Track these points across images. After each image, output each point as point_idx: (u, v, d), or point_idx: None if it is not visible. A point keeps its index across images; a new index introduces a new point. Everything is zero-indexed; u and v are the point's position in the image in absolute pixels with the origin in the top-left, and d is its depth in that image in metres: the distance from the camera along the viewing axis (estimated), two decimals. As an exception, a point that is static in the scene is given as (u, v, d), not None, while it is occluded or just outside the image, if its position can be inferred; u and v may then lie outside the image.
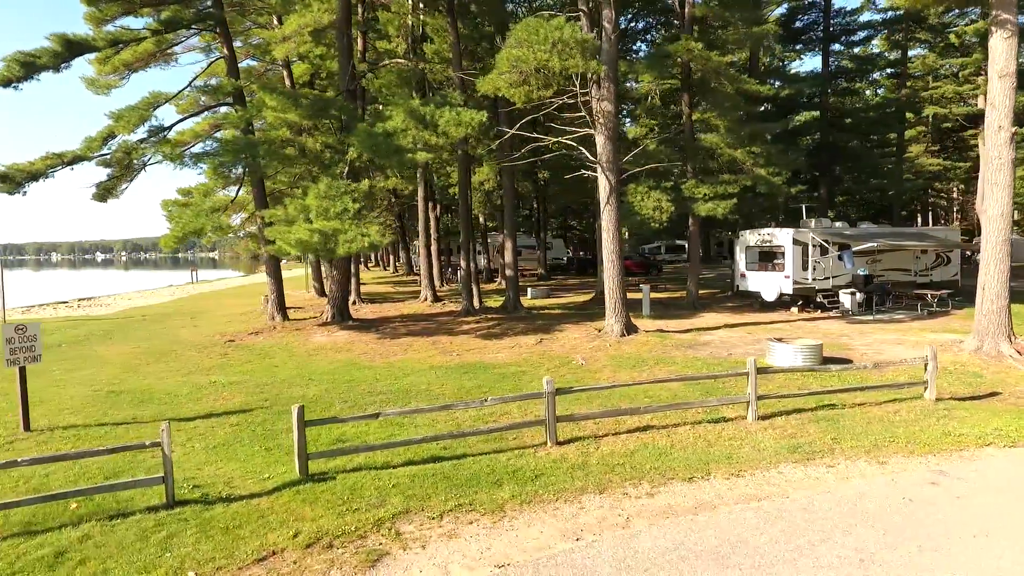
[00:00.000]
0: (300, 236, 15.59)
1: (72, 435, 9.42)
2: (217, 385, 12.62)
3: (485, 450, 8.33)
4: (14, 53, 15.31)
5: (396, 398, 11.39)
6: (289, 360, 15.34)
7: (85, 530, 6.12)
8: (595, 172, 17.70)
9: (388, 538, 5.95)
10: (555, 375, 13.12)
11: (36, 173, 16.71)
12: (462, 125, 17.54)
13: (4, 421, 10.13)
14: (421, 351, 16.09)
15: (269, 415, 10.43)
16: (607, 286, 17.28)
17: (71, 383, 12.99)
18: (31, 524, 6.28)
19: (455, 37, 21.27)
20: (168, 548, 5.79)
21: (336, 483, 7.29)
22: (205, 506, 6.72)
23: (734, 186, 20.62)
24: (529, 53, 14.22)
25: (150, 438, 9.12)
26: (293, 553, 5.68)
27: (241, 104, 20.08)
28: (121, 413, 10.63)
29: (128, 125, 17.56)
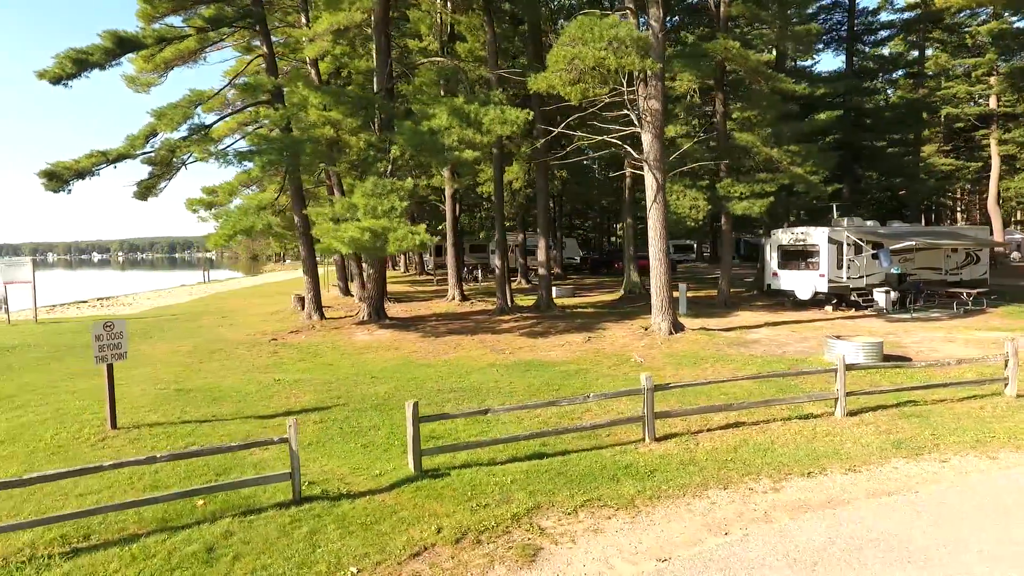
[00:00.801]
0: (352, 234, 15.54)
1: (161, 432, 9.38)
2: (283, 383, 12.59)
3: (584, 447, 8.35)
4: (67, 51, 15.24)
5: (469, 395, 11.39)
6: (341, 359, 15.31)
7: (224, 526, 6.10)
8: (639, 170, 17.72)
9: (533, 533, 5.95)
10: (616, 372, 13.17)
11: (83, 171, 16.63)
12: (507, 123, 17.53)
13: (86, 419, 10.09)
14: (471, 349, 16.09)
15: (349, 412, 10.40)
16: (654, 284, 17.30)
17: (133, 381, 12.93)
18: (166, 520, 6.26)
19: (491, 36, 21.27)
20: (316, 544, 5.78)
21: (452, 479, 7.29)
22: (331, 502, 6.70)
23: (771, 185, 20.67)
24: (587, 51, 14.23)
25: (240, 435, 9.15)
26: (445, 548, 5.68)
27: (279, 102, 20.04)
28: (199, 411, 10.59)
29: (171, 123, 17.49)
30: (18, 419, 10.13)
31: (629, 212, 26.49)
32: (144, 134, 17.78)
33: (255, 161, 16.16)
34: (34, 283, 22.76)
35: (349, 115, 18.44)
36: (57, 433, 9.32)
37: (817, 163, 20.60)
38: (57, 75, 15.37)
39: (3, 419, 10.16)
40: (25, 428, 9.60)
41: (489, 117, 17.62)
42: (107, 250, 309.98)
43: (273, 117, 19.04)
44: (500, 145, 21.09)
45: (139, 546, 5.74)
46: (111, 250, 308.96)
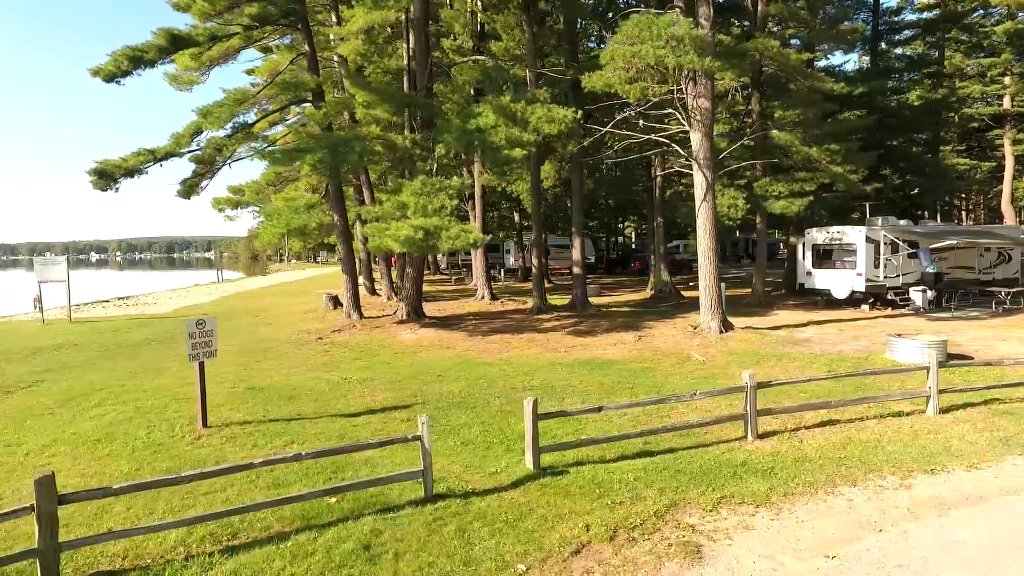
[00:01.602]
0: (407, 233, 15.50)
1: (254, 431, 9.34)
2: (351, 382, 12.55)
3: (688, 444, 8.34)
4: (123, 48, 15.16)
5: (546, 394, 11.35)
6: (397, 358, 15.27)
7: (369, 524, 6.07)
8: (689, 169, 17.73)
9: (684, 530, 5.94)
10: (682, 370, 13.18)
11: (131, 169, 16.55)
12: (554, 122, 17.54)
13: (171, 417, 10.04)
14: (524, 348, 16.07)
15: (432, 411, 10.35)
16: (703, 283, 17.30)
17: (208, 380, 12.85)
18: (307, 518, 6.22)
19: (531, 35, 21.25)
20: (469, 541, 5.76)
21: (572, 477, 7.27)
22: (462, 499, 6.68)
23: (811, 184, 20.71)
24: (647, 49, 14.22)
25: (333, 433, 9.12)
26: (603, 546, 5.67)
27: (320, 100, 19.99)
28: (280, 410, 10.55)
29: (218, 121, 17.43)
30: (102, 418, 10.07)
31: (659, 211, 26.48)
32: (189, 132, 17.71)
33: (306, 159, 16.08)
34: (68, 282, 22.63)
35: (394, 113, 18.40)
36: (150, 432, 9.26)
37: (856, 162, 20.64)
38: (112, 73, 15.29)
39: (87, 418, 10.09)
40: (114, 427, 9.54)
41: (536, 116, 17.63)
42: (105, 250, 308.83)
43: (315, 116, 18.98)
44: (544, 144, 21.05)
45: (292, 544, 5.71)
46: (109, 250, 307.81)
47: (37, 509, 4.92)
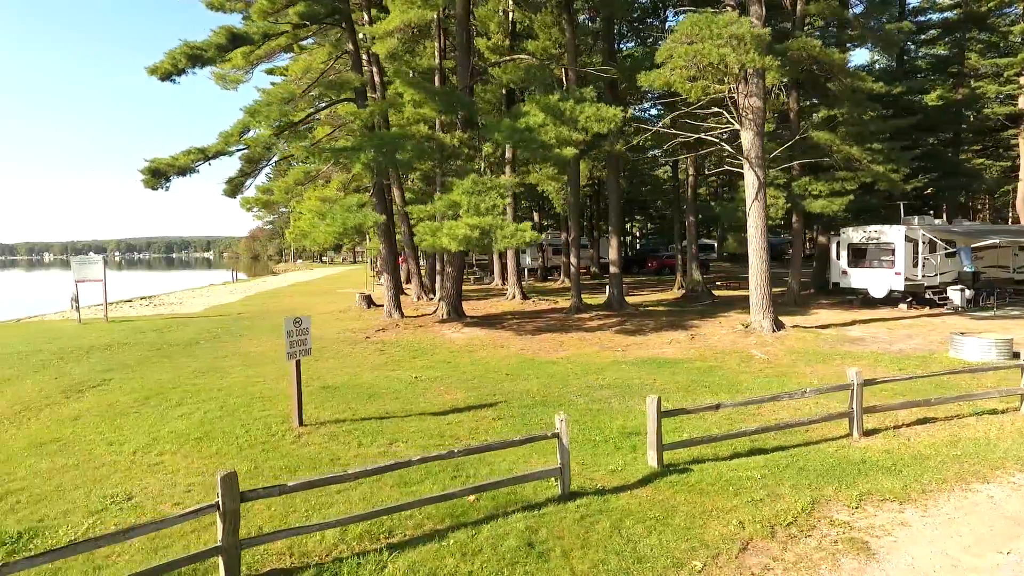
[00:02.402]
0: (463, 232, 15.48)
1: (351, 429, 9.32)
2: (423, 380, 12.54)
3: (794, 442, 8.35)
4: (181, 46, 15.10)
5: (626, 392, 11.37)
6: (456, 356, 15.23)
7: (521, 522, 6.06)
8: (740, 168, 17.74)
9: (839, 527, 5.94)
10: (749, 369, 13.19)
11: (183, 168, 16.51)
12: (603, 121, 17.54)
13: (261, 416, 10.01)
14: (580, 347, 16.07)
15: (519, 409, 10.36)
16: (754, 282, 17.32)
17: (271, 378, 12.85)
18: (455, 516, 6.20)
19: (571, 34, 21.23)
20: (630, 539, 5.75)
21: (698, 474, 7.27)
22: (598, 497, 6.67)
23: (851, 183, 20.75)
24: (708, 47, 14.23)
25: (430, 431, 9.10)
26: (766, 542, 5.67)
27: (363, 99, 19.95)
28: (367, 408, 10.53)
29: (267, 120, 17.40)
30: (191, 417, 10.03)
31: (690, 210, 26.50)
32: (237, 131, 17.67)
33: (360, 158, 16.04)
34: (105, 282, 22.54)
35: (441, 112, 18.38)
36: (248, 431, 9.23)
37: (898, 161, 20.69)
38: (168, 71, 15.24)
39: (175, 417, 10.05)
40: (208, 426, 9.51)
41: (585, 114, 17.64)
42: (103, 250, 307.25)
43: (361, 115, 18.94)
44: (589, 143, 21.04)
45: (454, 541, 5.69)
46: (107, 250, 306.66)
47: (222, 506, 4.89)
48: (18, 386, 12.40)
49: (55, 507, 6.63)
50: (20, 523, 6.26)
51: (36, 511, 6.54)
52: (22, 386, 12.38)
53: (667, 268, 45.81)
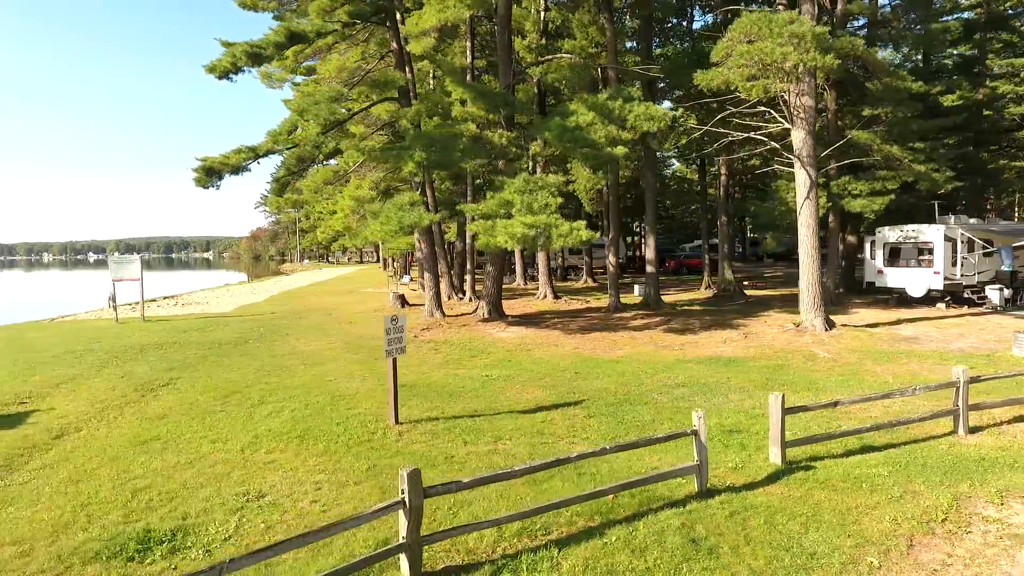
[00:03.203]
0: (519, 230, 15.45)
1: (450, 427, 9.29)
2: (496, 379, 12.52)
3: (900, 440, 8.35)
4: (242, 44, 15.06)
5: (703, 391, 11.38)
6: (513, 355, 15.21)
7: (672, 518, 6.05)
8: (790, 166, 17.75)
9: (992, 523, 5.95)
10: (817, 367, 13.20)
11: (236, 167, 16.46)
12: (653, 120, 17.59)
13: (352, 413, 9.97)
14: (634, 345, 16.07)
15: (605, 407, 10.35)
16: (804, 281, 17.33)
17: (337, 377, 12.81)
18: (604, 513, 6.19)
19: (612, 33, 21.23)
20: (790, 534, 5.74)
21: (822, 471, 7.27)
22: (734, 494, 6.67)
23: (892, 182, 20.78)
24: (770, 46, 14.24)
25: (524, 430, 9.07)
26: (929, 538, 5.67)
27: (406, 99, 19.93)
28: (452, 407, 10.50)
29: (317, 119, 17.35)
30: (279, 415, 9.99)
31: (723, 210, 26.53)
32: (286, 130, 17.63)
33: (414, 156, 16.00)
34: (142, 281, 22.46)
35: (488, 111, 18.36)
36: (346, 429, 9.19)
37: (939, 160, 20.72)
38: (227, 70, 15.20)
39: (264, 415, 10.01)
40: (303, 424, 9.47)
41: (634, 114, 17.66)
42: (103, 250, 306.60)
43: (407, 113, 18.91)
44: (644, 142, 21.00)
45: (615, 538, 5.67)
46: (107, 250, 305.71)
47: (408, 503, 4.87)
48: (88, 385, 12.33)
49: (191, 505, 6.59)
50: (165, 521, 6.22)
51: (175, 509, 6.50)
52: (92, 385, 12.32)
53: (684, 268, 45.87)
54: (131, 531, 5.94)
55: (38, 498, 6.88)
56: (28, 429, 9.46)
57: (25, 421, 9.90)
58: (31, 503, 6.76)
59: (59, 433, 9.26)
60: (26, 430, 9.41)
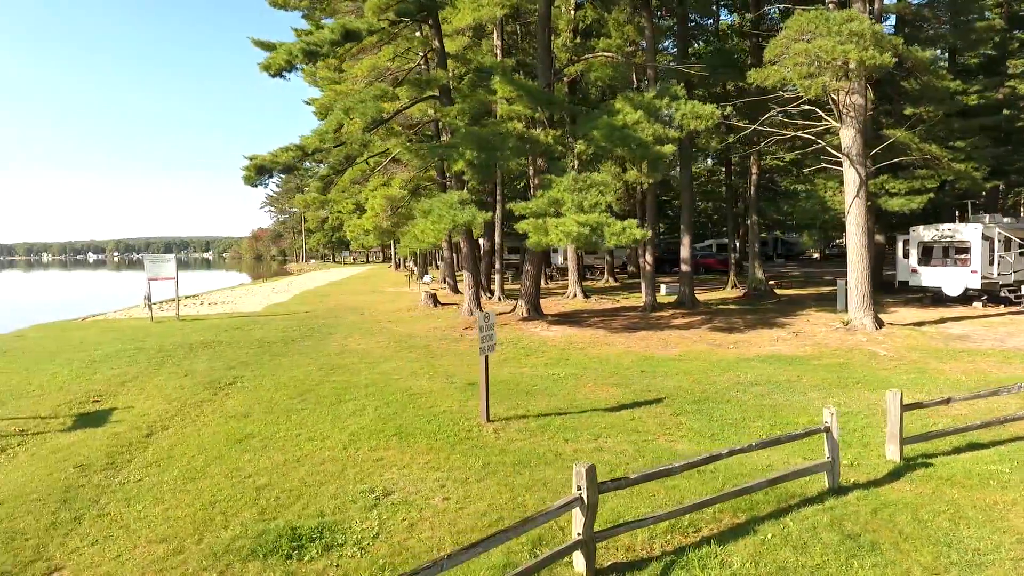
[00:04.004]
0: (572, 229, 15.40)
1: (544, 424, 9.26)
2: (566, 378, 12.50)
3: (1003, 437, 8.34)
4: (299, 43, 14.98)
5: (778, 388, 11.37)
6: (568, 355, 15.15)
7: (819, 515, 6.02)
8: (838, 166, 17.75)
9: None
10: (881, 365, 13.19)
11: (286, 165, 16.41)
12: (701, 118, 17.55)
13: (441, 412, 9.93)
14: (689, 345, 16.04)
15: (687, 405, 10.33)
16: (853, 279, 17.32)
17: (403, 375, 12.76)
18: (746, 510, 6.15)
19: (650, 32, 21.21)
20: (944, 530, 5.72)
21: (943, 468, 7.26)
22: (866, 491, 6.64)
23: (932, 181, 20.79)
24: (832, 44, 14.22)
25: (608, 426, 9.04)
26: (1086, 534, 5.64)
27: (447, 97, 19.89)
28: (533, 404, 10.47)
29: (364, 117, 17.29)
30: (363, 413, 9.94)
31: (753, 208, 26.53)
32: (332, 128, 17.54)
33: (465, 155, 15.96)
34: (177, 280, 22.37)
35: (534, 109, 18.33)
36: (439, 426, 9.14)
37: (980, 160, 20.75)
38: (281, 67, 15.12)
39: (350, 412, 9.95)
40: (392, 421, 9.42)
41: (681, 112, 17.63)
42: (102, 250, 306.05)
43: (450, 112, 18.86)
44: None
45: (771, 535, 5.64)
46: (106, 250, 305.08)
47: (586, 499, 4.83)
48: (154, 383, 12.27)
49: (322, 502, 6.54)
50: (303, 518, 6.17)
51: (307, 506, 6.45)
52: (158, 383, 12.25)
53: (702, 267, 45.83)
54: (276, 528, 5.89)
55: (161, 496, 6.82)
56: (115, 427, 9.40)
57: (108, 420, 9.84)
58: (155, 501, 6.70)
59: (148, 431, 9.20)
60: (114, 428, 9.35)
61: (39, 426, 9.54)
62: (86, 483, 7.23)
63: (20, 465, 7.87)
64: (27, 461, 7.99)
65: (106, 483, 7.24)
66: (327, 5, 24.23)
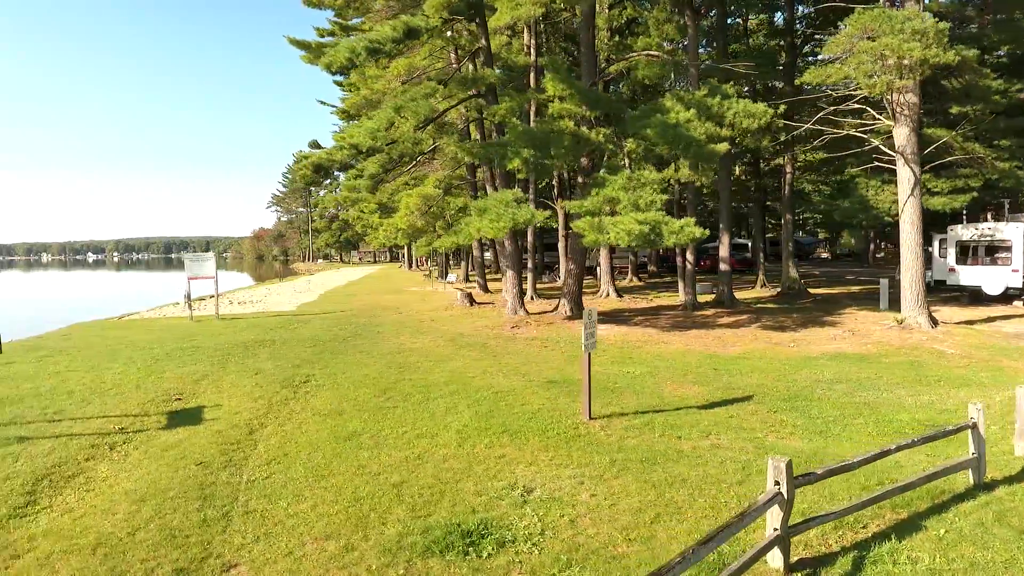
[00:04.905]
0: (631, 227, 15.37)
1: (646, 422, 9.22)
2: (642, 376, 12.48)
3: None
4: (364, 41, 14.92)
5: (861, 386, 11.36)
6: (629, 353, 15.11)
7: (985, 509, 6.00)
8: (892, 165, 17.76)
9: None
10: (952, 363, 13.20)
11: (343, 164, 16.37)
12: (753, 117, 17.56)
13: (537, 410, 9.88)
14: (749, 343, 16.02)
15: (779, 403, 10.33)
16: (908, 278, 17.33)
17: (475, 374, 12.71)
18: (902, 507, 6.13)
19: (694, 30, 21.19)
20: (1112, 527, 5.69)
21: (1072, 464, 7.24)
22: (1011, 486, 6.62)
23: (975, 180, 20.81)
24: (896, 42, 14.23)
25: (709, 423, 9.02)
26: None
27: (493, 96, 19.86)
28: (627, 402, 10.45)
29: (415, 115, 17.25)
30: (458, 412, 9.87)
31: (787, 208, 26.55)
32: (383, 127, 17.48)
33: (521, 154, 15.93)
34: (217, 279, 22.30)
35: (583, 109, 18.31)
36: (542, 425, 9.08)
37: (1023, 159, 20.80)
38: (343, 65, 15.08)
39: (443, 409, 9.90)
40: (492, 420, 9.36)
41: (733, 111, 17.63)
42: (102, 250, 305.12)
43: (498, 111, 18.83)
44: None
45: (944, 531, 5.61)
46: (106, 250, 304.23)
47: (786, 493, 4.80)
48: (228, 381, 12.20)
49: (467, 499, 6.50)
50: (456, 515, 6.12)
51: (456, 503, 6.40)
52: (232, 381, 12.19)
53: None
54: (439, 525, 5.85)
55: (299, 493, 6.77)
56: (214, 426, 9.34)
57: (202, 418, 9.78)
58: (296, 498, 6.65)
59: (249, 429, 9.14)
60: (213, 427, 9.29)
61: (135, 424, 9.47)
62: (216, 480, 7.17)
63: (138, 463, 7.80)
64: (143, 459, 7.93)
65: (234, 480, 7.18)
66: (360, 4, 24.15)
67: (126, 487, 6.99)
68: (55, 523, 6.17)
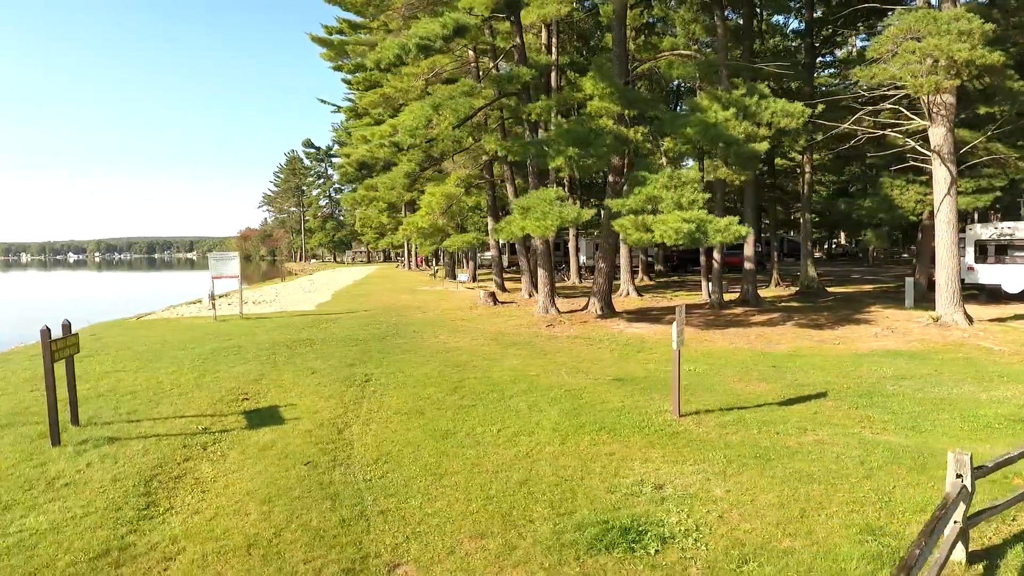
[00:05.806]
0: (677, 226, 15.41)
1: (736, 418, 9.22)
2: (703, 374, 12.51)
3: None
4: (414, 39, 14.79)
5: (922, 383, 11.47)
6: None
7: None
8: (927, 164, 17.96)
9: None
10: (1005, 360, 13.36)
11: (386, 161, 16.24)
12: (791, 116, 17.71)
13: (620, 408, 9.86)
14: (793, 341, 16.12)
15: (854, 399, 10.39)
16: (942, 277, 17.56)
17: (533, 372, 12.64)
18: None
19: (723, 29, 21.29)
20: None
21: None
22: None
23: (999, 179, 21.12)
24: (944, 43, 14.41)
25: (798, 419, 9.04)
26: None
27: (527, 94, 19.80)
28: (705, 400, 10.45)
29: (454, 114, 17.19)
30: (541, 409, 9.82)
31: (806, 207, 26.78)
32: (422, 125, 17.36)
33: (565, 152, 15.90)
34: (240, 278, 22.01)
35: (621, 107, 18.32)
36: (635, 422, 9.07)
37: (1046, 159, 21.14)
38: (392, 62, 14.94)
39: (524, 408, 9.83)
40: (580, 418, 9.33)
41: (771, 110, 17.78)
42: (83, 250, 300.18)
43: (534, 109, 18.79)
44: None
45: (1093, 523, 5.67)
46: (88, 250, 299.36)
47: (969, 486, 4.81)
48: (288, 381, 12.02)
49: (601, 497, 6.45)
50: (600, 511, 6.08)
51: (595, 500, 6.35)
52: (292, 381, 12.01)
53: (727, 267, 46.14)
54: (591, 522, 5.80)
55: (427, 492, 6.68)
56: (300, 425, 9.20)
57: (283, 417, 9.63)
58: (426, 498, 6.55)
59: (337, 429, 9.02)
60: (300, 426, 9.14)
61: (215, 424, 9.30)
62: (332, 480, 7.05)
63: (240, 463, 7.65)
64: (244, 459, 7.77)
65: (351, 479, 7.07)
66: (381, 2, 23.99)
67: (245, 488, 6.84)
68: (189, 524, 6.02)
